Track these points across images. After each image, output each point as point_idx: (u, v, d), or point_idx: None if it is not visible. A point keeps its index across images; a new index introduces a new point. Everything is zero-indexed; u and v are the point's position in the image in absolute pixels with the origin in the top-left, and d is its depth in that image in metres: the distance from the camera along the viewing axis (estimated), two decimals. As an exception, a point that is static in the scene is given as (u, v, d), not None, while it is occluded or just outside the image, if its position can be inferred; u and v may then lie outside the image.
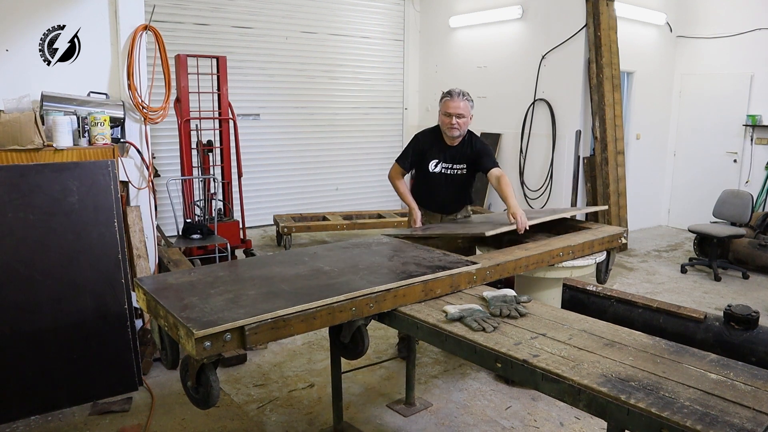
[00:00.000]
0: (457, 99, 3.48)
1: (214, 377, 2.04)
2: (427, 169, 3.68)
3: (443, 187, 3.71)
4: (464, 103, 3.49)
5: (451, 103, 3.48)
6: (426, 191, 3.77)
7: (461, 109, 3.48)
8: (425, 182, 3.75)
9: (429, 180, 3.71)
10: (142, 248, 4.07)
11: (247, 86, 7.50)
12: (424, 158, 3.68)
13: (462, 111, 3.48)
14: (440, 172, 3.67)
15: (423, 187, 3.79)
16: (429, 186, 3.74)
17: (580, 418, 3.17)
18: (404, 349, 3.73)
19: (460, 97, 3.49)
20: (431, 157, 3.65)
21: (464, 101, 3.50)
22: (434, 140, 3.68)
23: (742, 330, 3.33)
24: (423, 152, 3.69)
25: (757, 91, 7.21)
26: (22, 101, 3.60)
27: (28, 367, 3.14)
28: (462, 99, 3.49)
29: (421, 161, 3.70)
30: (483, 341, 2.03)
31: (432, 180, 3.70)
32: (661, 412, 1.54)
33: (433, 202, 3.78)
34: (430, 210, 3.81)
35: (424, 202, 3.78)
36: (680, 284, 5.73)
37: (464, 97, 3.51)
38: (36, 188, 3.23)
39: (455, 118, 3.48)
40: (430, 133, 3.73)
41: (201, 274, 2.52)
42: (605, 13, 6.66)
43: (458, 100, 3.48)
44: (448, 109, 3.49)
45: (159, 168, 6.14)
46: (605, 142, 6.77)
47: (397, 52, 9.01)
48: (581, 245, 3.19)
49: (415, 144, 3.75)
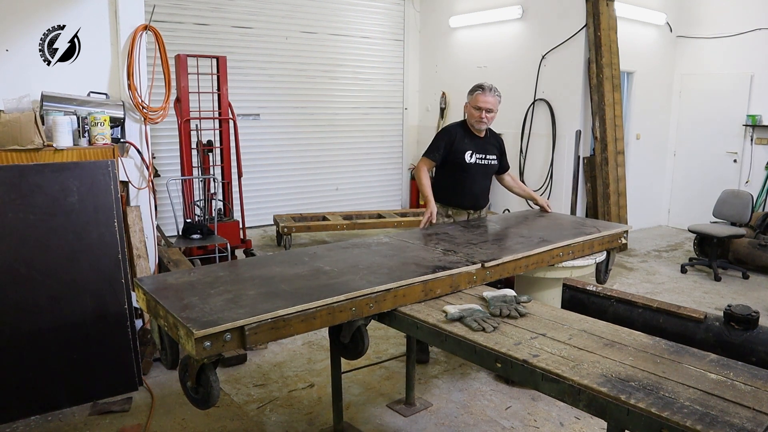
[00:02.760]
0: (488, 94, 3.53)
1: (213, 377, 2.04)
2: (462, 161, 3.65)
3: (478, 179, 3.72)
4: (494, 98, 3.55)
5: (482, 97, 3.53)
6: (459, 185, 3.72)
7: (491, 104, 3.54)
8: (459, 175, 3.69)
9: (464, 172, 3.68)
10: (142, 248, 4.07)
11: (247, 86, 7.50)
12: (457, 150, 3.65)
13: (491, 106, 3.55)
14: (476, 163, 3.67)
15: (454, 181, 3.72)
16: (463, 179, 3.70)
17: (580, 418, 3.17)
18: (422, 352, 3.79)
19: (491, 92, 3.54)
20: (465, 148, 3.65)
21: (495, 96, 3.56)
22: (465, 132, 3.70)
23: (742, 330, 3.32)
24: (454, 144, 3.67)
25: (757, 91, 7.21)
26: (22, 101, 3.60)
27: (28, 367, 3.14)
28: (493, 94, 3.55)
29: (453, 154, 3.66)
30: (483, 341, 2.03)
31: (468, 172, 3.68)
32: (661, 412, 1.54)
33: (466, 196, 3.74)
34: (462, 206, 3.76)
35: (453, 199, 3.74)
36: (680, 284, 5.74)
37: (495, 92, 3.57)
38: (36, 188, 3.23)
39: (485, 112, 3.53)
40: (458, 126, 3.75)
41: (201, 274, 2.52)
42: (605, 13, 6.66)
43: (489, 95, 3.53)
44: (478, 103, 3.53)
45: (159, 168, 6.14)
46: (605, 142, 6.77)
47: (397, 52, 9.01)
48: (581, 245, 3.19)
49: (447, 136, 3.71)
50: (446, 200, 3.74)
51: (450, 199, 3.74)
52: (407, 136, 9.21)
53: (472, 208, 3.79)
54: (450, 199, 3.74)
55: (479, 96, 3.53)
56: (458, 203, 3.75)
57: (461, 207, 3.76)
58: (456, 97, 8.59)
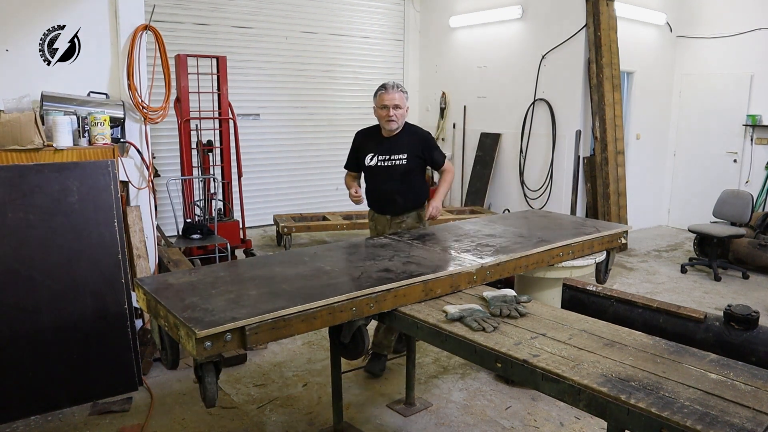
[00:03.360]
0: (392, 91, 3.45)
1: (210, 378, 2.04)
2: (364, 165, 3.60)
3: (383, 182, 3.59)
4: (399, 94, 3.46)
5: (386, 95, 3.44)
6: (369, 189, 3.68)
7: (397, 100, 3.44)
8: (367, 181, 3.68)
9: (369, 177, 3.65)
10: (142, 248, 4.07)
11: (247, 86, 7.50)
12: (360, 154, 3.63)
13: (398, 102, 3.44)
14: (376, 165, 3.56)
15: (367, 186, 3.70)
16: (370, 184, 3.67)
17: (580, 418, 3.17)
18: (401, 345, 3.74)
19: (394, 89, 3.46)
20: (367, 151, 3.59)
21: (399, 92, 3.46)
22: (371, 135, 3.63)
23: (742, 330, 3.33)
24: (359, 149, 3.65)
25: (757, 91, 7.21)
26: (22, 101, 3.60)
27: (28, 367, 3.14)
28: (397, 90, 3.46)
29: (358, 158, 3.65)
30: (483, 341, 2.03)
31: (371, 176, 3.63)
32: (661, 412, 1.54)
33: (378, 202, 3.67)
34: (378, 212, 3.70)
35: (372, 204, 3.72)
36: (680, 284, 5.74)
37: (399, 88, 3.48)
38: (36, 188, 3.23)
39: (392, 109, 3.43)
40: (368, 129, 3.68)
41: (201, 274, 2.52)
42: (605, 13, 6.66)
43: (393, 91, 3.45)
44: (383, 102, 3.45)
45: (159, 168, 6.14)
46: (605, 142, 6.77)
47: (397, 52, 9.01)
48: (581, 245, 3.19)
49: (353, 142, 3.71)
50: (369, 204, 3.73)
51: (369, 203, 3.72)
52: (407, 136, 9.21)
53: (389, 213, 3.65)
54: (369, 203, 3.72)
55: (383, 95, 3.45)
56: (376, 209, 3.71)
57: (376, 212, 3.70)
58: (456, 97, 8.59)
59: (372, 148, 3.58)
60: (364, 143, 3.63)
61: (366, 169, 3.62)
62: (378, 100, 3.49)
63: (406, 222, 3.64)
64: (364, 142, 3.63)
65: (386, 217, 3.65)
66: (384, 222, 3.66)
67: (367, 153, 3.58)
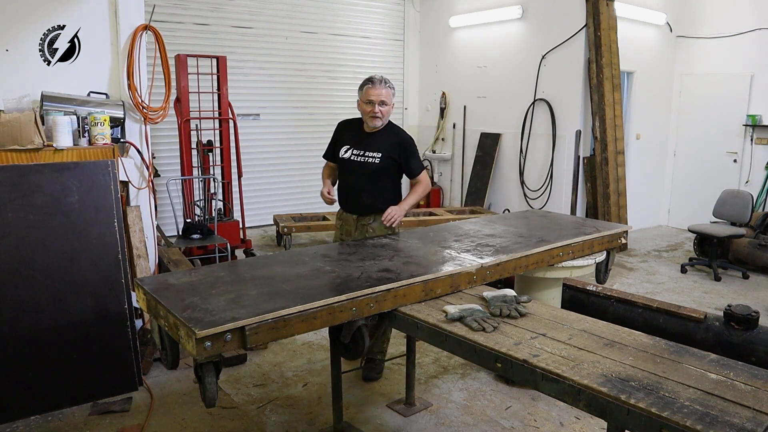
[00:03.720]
0: (379, 86, 3.28)
1: (210, 378, 2.04)
2: (338, 156, 3.45)
3: (354, 178, 3.42)
4: (386, 90, 3.30)
5: (372, 90, 3.28)
6: (340, 184, 3.53)
7: (384, 96, 3.29)
8: (340, 174, 3.52)
9: (341, 170, 3.49)
10: (142, 248, 4.07)
11: (247, 86, 7.49)
12: (338, 145, 3.48)
13: (384, 98, 3.29)
14: (349, 159, 3.40)
15: (339, 182, 3.54)
16: (342, 178, 3.51)
17: (580, 418, 3.17)
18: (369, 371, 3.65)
19: (382, 84, 3.30)
20: (344, 142, 3.45)
21: (386, 88, 3.31)
22: (352, 127, 3.49)
23: (742, 330, 3.33)
24: (337, 140, 3.51)
25: (757, 91, 7.21)
26: (22, 101, 3.60)
27: (28, 367, 3.14)
28: (384, 86, 3.30)
29: (336, 149, 3.50)
30: (483, 341, 2.03)
31: (343, 169, 3.47)
32: (661, 412, 1.54)
33: (346, 199, 3.51)
34: (346, 210, 3.53)
35: (341, 201, 3.54)
36: (680, 284, 5.74)
37: (387, 84, 3.32)
38: (36, 188, 3.23)
39: (378, 105, 3.28)
40: (351, 121, 3.54)
41: (201, 274, 2.52)
42: (605, 13, 6.66)
43: (380, 87, 3.28)
44: (369, 97, 3.28)
45: (159, 168, 6.14)
46: (605, 142, 6.77)
47: (397, 52, 9.01)
48: (581, 245, 3.19)
49: (335, 131, 3.57)
50: (339, 202, 3.54)
51: (339, 199, 3.53)
52: (407, 136, 9.21)
53: (355, 212, 3.47)
54: (339, 199, 3.53)
55: (369, 90, 3.28)
56: (344, 207, 3.53)
57: (345, 210, 3.53)
58: (456, 97, 8.59)
59: (349, 140, 3.45)
60: (343, 134, 3.50)
61: (340, 161, 3.47)
62: (364, 94, 3.33)
63: (373, 225, 3.43)
64: (344, 133, 3.51)
65: (353, 216, 3.48)
66: (351, 222, 3.49)
67: (344, 144, 3.45)
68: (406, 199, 3.43)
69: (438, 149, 8.92)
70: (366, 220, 3.45)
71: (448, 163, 8.80)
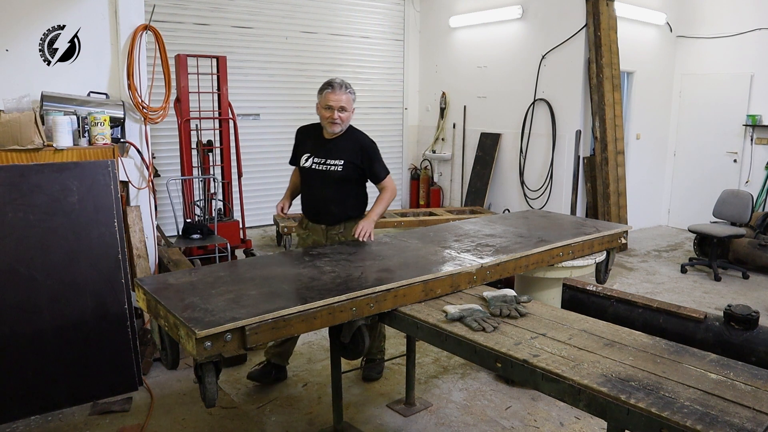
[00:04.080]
0: (339, 91, 3.15)
1: (210, 378, 2.04)
2: (300, 165, 3.34)
3: (318, 188, 3.30)
4: (347, 95, 3.18)
5: (332, 95, 3.14)
6: (304, 195, 3.41)
7: (343, 101, 3.16)
8: (302, 183, 3.40)
9: (304, 179, 3.37)
10: (142, 248, 4.07)
11: (247, 86, 7.49)
12: (299, 153, 3.36)
13: (344, 104, 3.16)
14: (310, 168, 3.28)
15: (303, 191, 3.42)
16: (305, 188, 3.39)
17: (580, 418, 3.17)
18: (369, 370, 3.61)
19: (342, 89, 3.17)
20: (304, 150, 3.32)
21: (347, 94, 3.18)
22: (311, 134, 3.36)
23: (742, 330, 3.33)
24: (298, 146, 3.39)
25: (757, 91, 7.21)
26: (22, 101, 3.61)
27: (28, 367, 3.14)
28: (344, 91, 3.17)
29: (297, 156, 3.37)
30: (483, 341, 2.03)
31: (306, 178, 3.35)
32: (661, 412, 1.54)
33: (311, 209, 3.38)
34: (312, 220, 3.38)
35: (306, 211, 3.42)
36: (680, 284, 5.74)
37: (347, 89, 3.19)
38: (36, 188, 3.23)
39: (337, 111, 3.15)
40: (311, 126, 3.41)
41: (201, 274, 2.52)
42: (605, 13, 6.66)
43: (340, 92, 3.15)
44: (329, 102, 3.15)
45: (159, 168, 6.14)
46: (605, 142, 6.77)
47: (397, 52, 9.01)
48: (581, 245, 3.19)
49: (295, 137, 3.44)
50: (303, 210, 3.44)
51: (303, 210, 3.44)
52: (407, 136, 9.21)
53: (323, 222, 3.34)
54: (303, 210, 3.44)
55: (329, 95, 3.15)
56: (309, 216, 3.40)
57: (311, 220, 3.39)
58: (456, 97, 8.59)
59: (309, 147, 3.32)
60: (303, 141, 3.37)
61: (301, 169, 3.35)
62: (323, 99, 3.20)
63: (344, 233, 3.33)
64: (303, 140, 3.38)
65: (321, 226, 3.35)
66: (319, 232, 3.36)
67: (304, 152, 3.32)
68: (373, 209, 3.29)
69: (438, 149, 8.92)
70: (336, 230, 3.34)
71: (448, 163, 8.80)
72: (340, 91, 3.16)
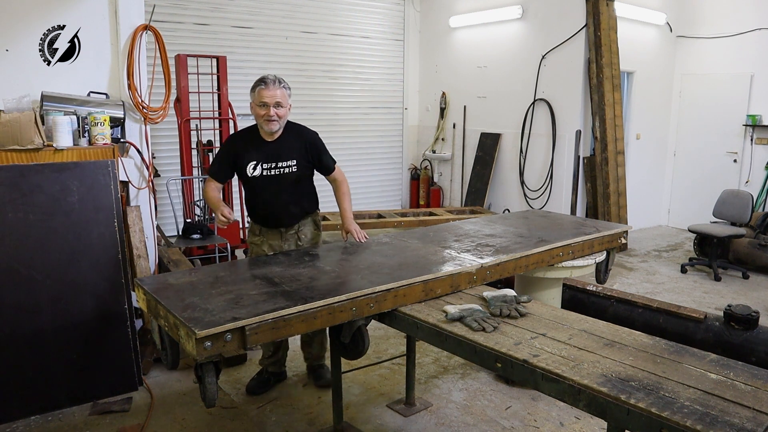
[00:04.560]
0: (272, 87, 3.01)
1: (210, 378, 2.04)
2: (246, 175, 3.12)
3: (272, 194, 3.15)
4: (281, 90, 3.04)
5: (266, 92, 3.00)
6: (255, 202, 3.24)
7: (279, 97, 3.02)
8: (250, 191, 3.22)
9: (252, 189, 3.18)
10: (142, 248, 4.07)
11: (247, 86, 7.39)
12: (240, 163, 3.11)
13: (280, 99, 3.02)
14: (261, 176, 3.10)
15: (251, 198, 3.25)
16: (255, 195, 3.20)
17: (580, 418, 3.17)
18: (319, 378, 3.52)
19: (276, 84, 3.03)
20: (248, 159, 3.10)
21: (281, 89, 3.04)
22: (249, 139, 3.15)
23: (742, 330, 3.33)
24: (236, 155, 3.12)
25: (757, 91, 7.21)
26: (22, 101, 3.60)
27: (28, 367, 3.14)
28: (279, 86, 3.03)
29: (238, 168, 3.14)
30: (483, 341, 2.03)
31: (254, 188, 3.17)
32: (661, 412, 1.54)
33: (266, 216, 3.24)
34: (266, 226, 3.26)
35: (256, 217, 3.28)
36: (680, 284, 5.74)
37: (281, 84, 3.06)
38: (36, 188, 3.23)
39: (272, 108, 3.00)
40: (245, 132, 3.22)
41: (201, 274, 2.52)
42: (605, 13, 6.66)
43: (274, 87, 3.01)
44: (263, 99, 3.00)
45: (159, 168, 6.14)
46: (605, 142, 6.77)
47: (397, 52, 9.01)
48: (581, 245, 3.19)
49: (227, 147, 3.21)
50: (253, 218, 3.31)
51: (254, 217, 3.30)
52: (407, 136, 9.21)
53: (281, 226, 3.25)
54: (254, 217, 3.30)
55: (262, 91, 3.00)
56: (264, 223, 3.27)
57: (265, 226, 3.27)
58: (456, 97, 8.58)
59: (253, 155, 3.10)
60: (242, 149, 3.12)
61: (249, 180, 3.13)
62: (256, 96, 3.04)
63: (303, 231, 3.28)
64: (243, 147, 3.12)
65: (279, 230, 3.26)
66: (276, 235, 3.26)
67: (249, 161, 3.09)
68: (344, 210, 3.24)
69: (438, 149, 8.92)
70: (294, 229, 3.27)
71: (448, 163, 8.79)
72: (273, 87, 3.02)
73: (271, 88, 3.02)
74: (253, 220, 3.33)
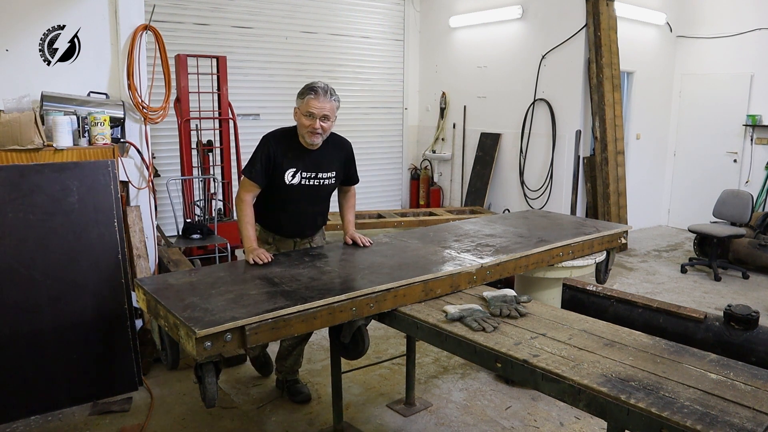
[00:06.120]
0: (323, 98, 2.78)
1: (210, 378, 2.04)
2: (282, 182, 2.90)
3: (304, 205, 3.00)
4: (331, 104, 2.81)
5: (315, 102, 2.77)
6: (279, 211, 3.03)
7: (327, 110, 2.80)
8: (279, 198, 2.97)
9: (284, 195, 2.95)
10: (142, 248, 4.07)
11: (247, 86, 7.49)
12: (277, 167, 2.90)
13: (328, 112, 2.81)
14: (299, 184, 2.92)
15: (274, 205, 3.01)
16: (284, 204, 2.99)
17: (580, 418, 3.17)
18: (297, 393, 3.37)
19: (327, 95, 2.80)
20: (287, 165, 2.89)
21: (331, 101, 2.82)
22: (288, 144, 2.93)
23: (742, 330, 3.33)
24: (275, 159, 2.89)
25: (757, 91, 7.21)
26: (22, 101, 3.60)
27: (28, 367, 3.14)
28: (329, 99, 2.81)
29: (273, 171, 2.90)
30: (483, 341, 2.03)
31: (289, 195, 2.95)
32: (661, 412, 1.54)
33: (289, 225, 3.06)
34: (283, 234, 3.10)
35: (273, 225, 3.08)
36: (680, 284, 5.73)
37: (332, 96, 2.83)
38: (36, 188, 3.23)
39: (319, 120, 2.79)
40: (282, 135, 2.98)
41: (201, 274, 2.52)
42: (605, 13, 6.66)
43: (324, 99, 2.78)
44: (310, 109, 2.78)
45: (159, 168, 6.14)
46: (605, 142, 6.77)
47: (397, 52, 9.01)
48: (581, 245, 3.19)
49: (265, 148, 2.91)
50: (266, 225, 3.10)
51: (269, 224, 3.09)
52: (407, 136, 9.21)
53: (300, 236, 3.13)
54: (269, 224, 3.09)
55: (311, 101, 2.76)
56: (280, 231, 3.09)
57: (282, 235, 3.10)
58: (456, 97, 8.59)
59: (293, 162, 2.91)
60: (281, 154, 2.90)
61: (283, 187, 2.92)
62: (304, 104, 2.81)
63: (315, 241, 3.19)
64: (282, 152, 2.90)
65: (294, 239, 3.12)
66: (290, 245, 3.12)
67: (288, 168, 2.90)
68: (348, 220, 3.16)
69: (438, 149, 8.92)
70: (308, 239, 3.18)
71: (448, 163, 8.79)
72: (324, 98, 2.79)
73: (322, 99, 2.79)
74: (265, 227, 3.11)
